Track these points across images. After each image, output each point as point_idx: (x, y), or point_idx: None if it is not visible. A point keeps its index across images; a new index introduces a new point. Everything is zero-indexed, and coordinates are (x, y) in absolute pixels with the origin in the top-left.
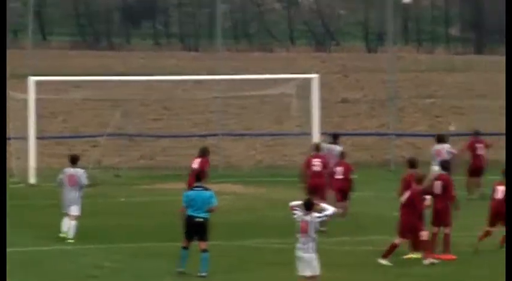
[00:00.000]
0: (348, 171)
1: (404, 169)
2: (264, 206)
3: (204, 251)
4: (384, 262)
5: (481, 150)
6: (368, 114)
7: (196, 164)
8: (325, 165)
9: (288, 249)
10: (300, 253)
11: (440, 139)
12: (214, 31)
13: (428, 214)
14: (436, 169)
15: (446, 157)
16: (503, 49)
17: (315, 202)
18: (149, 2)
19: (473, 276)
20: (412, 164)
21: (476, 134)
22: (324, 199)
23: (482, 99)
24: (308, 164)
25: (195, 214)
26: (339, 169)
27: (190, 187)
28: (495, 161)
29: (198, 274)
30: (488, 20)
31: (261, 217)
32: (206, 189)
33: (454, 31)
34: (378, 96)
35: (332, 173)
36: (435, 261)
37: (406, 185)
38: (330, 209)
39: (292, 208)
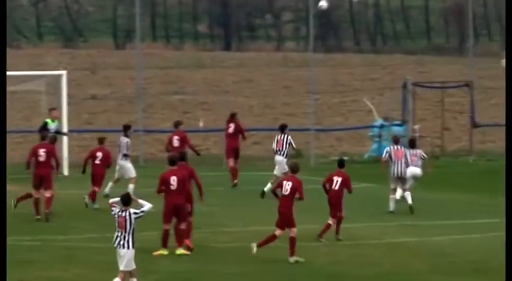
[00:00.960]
0: (107, 157)
1: (154, 165)
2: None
3: None
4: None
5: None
6: (117, 111)
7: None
8: (49, 154)
9: (42, 246)
10: (118, 249)
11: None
12: None
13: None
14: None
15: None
16: (249, 46)
17: (133, 197)
18: None
19: (222, 272)
20: (172, 162)
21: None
22: (50, 188)
23: (228, 95)
24: (34, 154)
25: None
26: (99, 154)
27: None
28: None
29: None
30: (235, 17)
31: (12, 215)
32: None
33: (202, 28)
34: (127, 93)
35: (94, 158)
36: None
37: (163, 182)
38: (147, 205)
39: (112, 205)
